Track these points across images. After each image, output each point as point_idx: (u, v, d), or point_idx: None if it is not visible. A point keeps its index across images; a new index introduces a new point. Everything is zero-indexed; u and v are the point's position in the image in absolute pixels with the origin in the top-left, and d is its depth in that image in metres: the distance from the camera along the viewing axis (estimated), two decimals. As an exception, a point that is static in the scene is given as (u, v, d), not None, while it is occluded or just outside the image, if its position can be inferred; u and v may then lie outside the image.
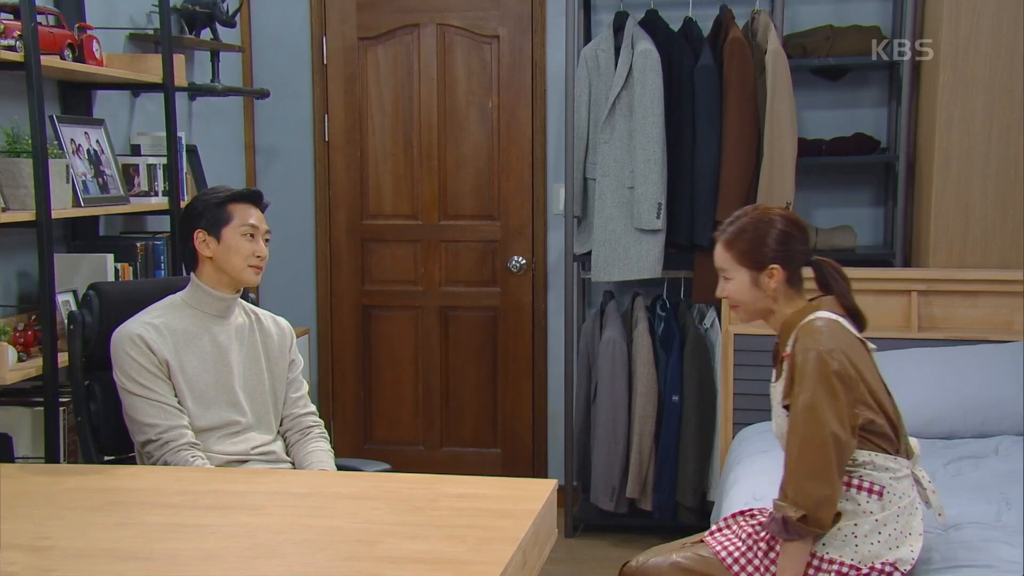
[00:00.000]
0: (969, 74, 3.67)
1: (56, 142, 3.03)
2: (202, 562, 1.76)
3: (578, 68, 4.08)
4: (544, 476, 4.56)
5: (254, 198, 2.66)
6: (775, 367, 2.42)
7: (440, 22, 4.51)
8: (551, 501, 2.09)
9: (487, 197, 4.57)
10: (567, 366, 4.26)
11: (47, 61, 2.85)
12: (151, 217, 3.72)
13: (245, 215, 2.61)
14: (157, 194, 3.50)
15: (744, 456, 3.25)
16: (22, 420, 2.92)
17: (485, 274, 4.61)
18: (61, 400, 2.86)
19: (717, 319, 4.00)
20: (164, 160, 3.50)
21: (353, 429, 4.74)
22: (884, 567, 2.23)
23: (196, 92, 4.07)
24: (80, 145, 3.18)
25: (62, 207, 2.93)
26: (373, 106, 4.60)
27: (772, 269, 2.33)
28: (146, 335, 2.51)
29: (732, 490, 2.96)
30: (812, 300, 2.36)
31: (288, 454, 2.71)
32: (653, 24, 4.03)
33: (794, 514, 2.17)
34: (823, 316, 2.29)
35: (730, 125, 3.86)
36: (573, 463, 4.24)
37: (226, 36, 4.17)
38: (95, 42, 3.17)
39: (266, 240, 2.65)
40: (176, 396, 2.52)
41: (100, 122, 3.37)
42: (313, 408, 2.80)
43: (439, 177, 4.58)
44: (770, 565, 2.29)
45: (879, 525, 2.24)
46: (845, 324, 2.30)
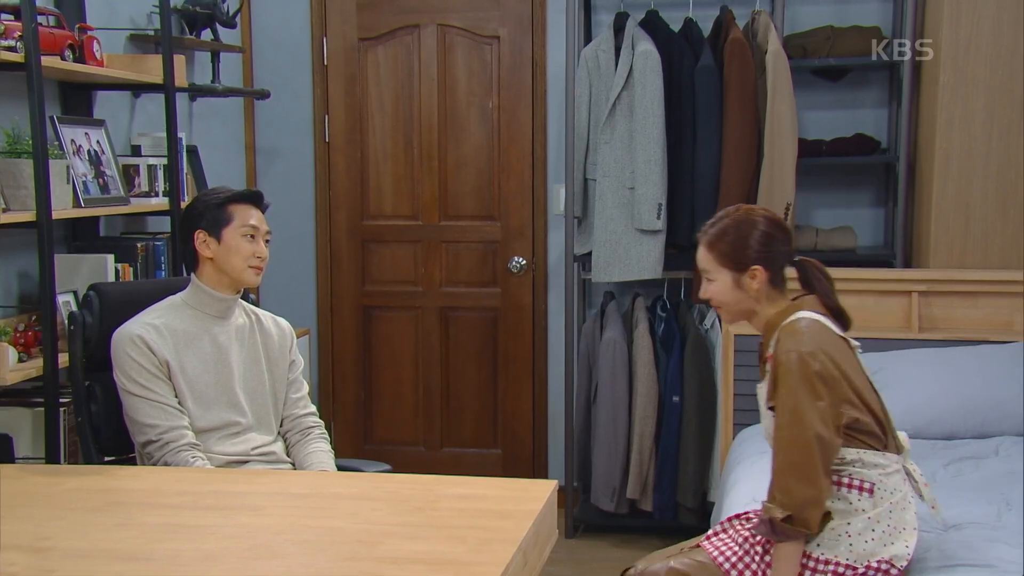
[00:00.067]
0: (969, 74, 3.67)
1: (57, 143, 3.03)
2: (202, 563, 1.76)
3: (578, 69, 4.08)
4: (544, 477, 4.56)
5: (254, 199, 2.66)
6: (760, 368, 2.42)
7: (440, 23, 4.51)
8: (551, 502, 2.09)
9: (487, 198, 4.57)
10: (567, 367, 4.25)
11: (48, 62, 2.85)
12: (151, 218, 3.73)
13: (245, 216, 2.61)
14: (157, 195, 3.50)
15: (745, 457, 3.25)
16: (22, 420, 2.92)
17: (485, 275, 4.61)
18: (61, 401, 2.86)
19: (718, 320, 4.00)
20: (164, 161, 3.50)
21: (353, 430, 4.74)
22: (880, 565, 2.23)
23: (196, 93, 4.07)
24: (80, 146, 3.18)
25: (63, 208, 2.93)
26: (373, 107, 4.60)
27: (754, 270, 2.33)
28: (146, 336, 2.51)
29: (732, 491, 2.96)
30: (795, 299, 2.36)
31: (288, 455, 2.71)
32: (653, 25, 4.03)
33: (780, 515, 2.18)
34: (805, 316, 2.29)
35: (730, 126, 3.86)
36: (573, 464, 4.24)
37: (226, 37, 4.17)
38: (95, 43, 3.17)
39: (266, 241, 2.65)
40: (176, 397, 2.52)
41: (101, 123, 3.37)
42: (313, 409, 2.80)
43: (439, 178, 4.58)
44: (767, 568, 2.28)
45: (872, 522, 2.24)
46: (827, 323, 2.30)
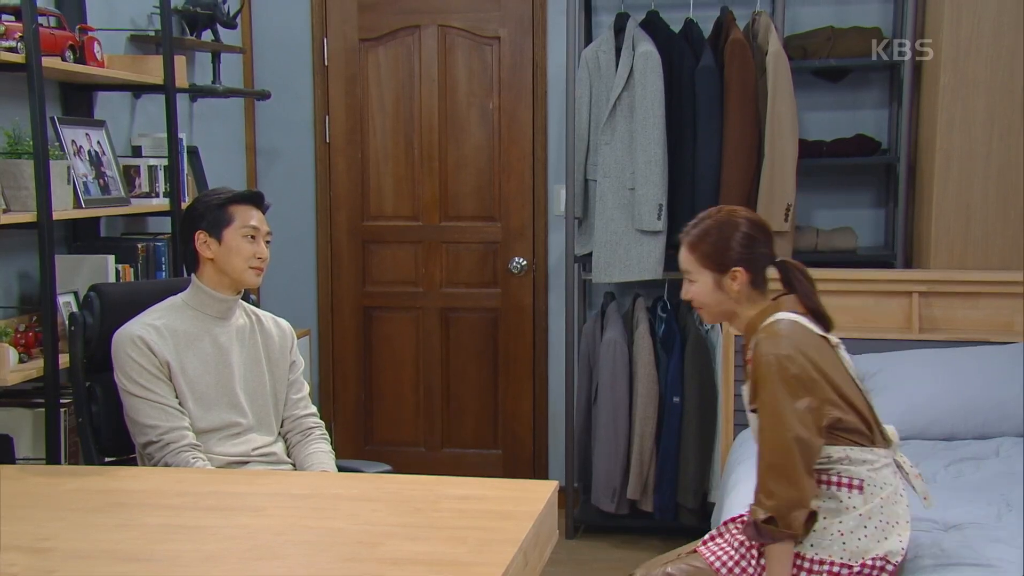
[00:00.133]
0: (970, 75, 3.67)
1: (57, 143, 3.03)
2: (203, 563, 1.76)
3: (579, 69, 4.07)
4: (545, 477, 4.56)
5: (255, 199, 2.66)
6: (744, 369, 2.42)
7: (441, 23, 4.51)
8: (552, 502, 2.09)
9: (488, 198, 4.57)
10: (568, 367, 4.25)
11: (48, 62, 2.85)
12: (152, 218, 3.73)
13: (246, 216, 2.61)
14: (158, 195, 3.50)
15: (745, 457, 3.24)
16: (23, 421, 2.92)
17: (486, 275, 4.61)
18: (62, 401, 2.86)
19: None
20: (165, 161, 3.50)
21: (354, 430, 4.74)
22: (875, 562, 2.23)
23: (197, 93, 4.07)
24: (81, 146, 3.18)
25: (63, 208, 2.93)
26: (374, 107, 4.60)
27: (735, 271, 2.33)
28: (147, 336, 2.51)
29: (733, 492, 2.96)
30: (775, 299, 2.36)
31: (289, 455, 2.71)
32: (654, 25, 4.03)
33: (762, 516, 2.18)
34: (783, 318, 2.29)
35: (731, 126, 3.87)
36: (574, 464, 4.24)
37: (227, 37, 4.17)
38: (96, 43, 3.17)
39: (267, 241, 2.65)
40: (177, 397, 2.52)
41: (101, 123, 3.37)
42: (314, 409, 2.80)
43: (440, 178, 4.58)
44: (763, 572, 2.29)
45: (864, 519, 2.24)
46: (806, 323, 2.29)
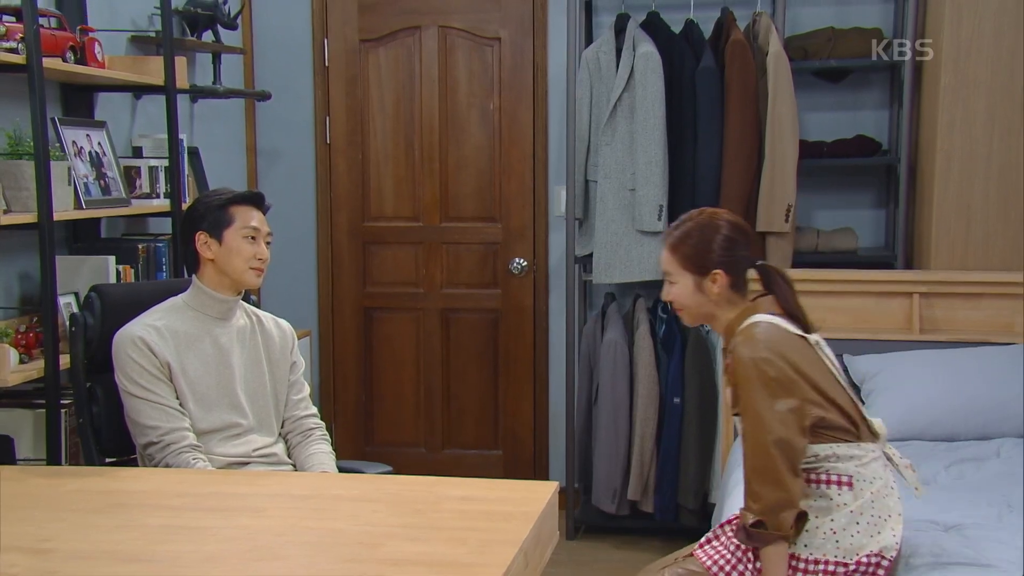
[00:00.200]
0: (971, 76, 3.67)
1: (58, 144, 3.03)
2: (203, 564, 1.76)
3: (579, 70, 4.08)
4: (545, 478, 4.55)
5: (256, 200, 2.66)
6: (724, 373, 2.42)
7: (441, 24, 4.51)
8: (552, 503, 2.09)
9: (488, 199, 4.57)
10: (568, 368, 4.25)
11: (49, 63, 2.85)
12: (152, 219, 3.73)
13: (247, 217, 2.61)
14: (159, 196, 3.50)
15: (745, 458, 3.24)
16: (24, 422, 2.92)
17: (486, 276, 4.61)
18: (63, 402, 2.86)
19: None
20: (166, 162, 3.50)
21: (354, 431, 4.74)
22: (871, 559, 2.23)
23: (198, 94, 4.07)
24: (82, 147, 3.18)
25: (64, 209, 2.93)
26: (374, 108, 4.60)
27: (715, 274, 2.34)
28: (148, 337, 2.51)
29: (734, 492, 2.95)
30: (753, 300, 2.36)
31: (289, 456, 2.71)
32: (654, 26, 4.03)
33: (750, 520, 2.19)
34: (760, 320, 2.29)
35: (731, 127, 3.87)
36: (574, 465, 4.24)
37: (228, 38, 4.17)
38: (97, 44, 3.17)
39: (267, 242, 2.65)
40: (177, 398, 2.52)
41: (102, 124, 3.37)
42: (314, 410, 2.80)
43: (440, 179, 4.58)
44: (758, 574, 2.29)
45: (855, 515, 2.24)
46: (783, 324, 2.29)
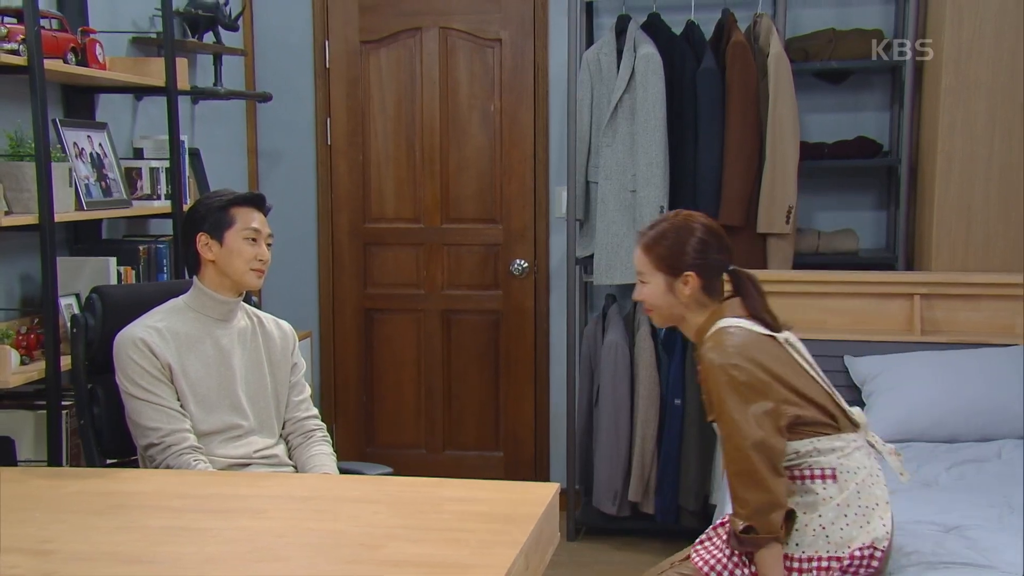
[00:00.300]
0: (971, 77, 3.67)
1: (59, 146, 3.03)
2: (204, 565, 1.76)
3: (580, 71, 4.08)
4: (546, 479, 4.56)
5: (257, 202, 2.66)
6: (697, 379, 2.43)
7: (442, 25, 4.51)
8: (553, 505, 2.09)
9: (489, 200, 4.57)
10: (569, 369, 4.25)
11: (50, 65, 2.85)
12: (153, 220, 3.73)
13: (248, 219, 2.61)
14: (160, 197, 3.50)
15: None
16: (25, 423, 2.92)
17: (487, 277, 4.61)
18: (64, 403, 2.86)
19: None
20: (167, 163, 3.50)
21: (355, 432, 4.74)
22: (863, 551, 2.23)
23: (199, 95, 4.08)
24: (83, 149, 3.18)
25: (65, 210, 2.93)
26: (375, 109, 4.60)
27: (687, 276, 2.34)
28: (149, 339, 2.51)
29: (734, 494, 2.96)
30: (724, 300, 2.36)
31: (290, 458, 2.71)
32: (655, 28, 4.03)
33: (740, 526, 2.19)
34: (727, 325, 2.29)
35: (732, 129, 3.87)
36: (575, 466, 4.24)
37: (229, 40, 4.17)
38: (98, 46, 3.17)
39: (268, 244, 2.65)
40: (178, 400, 2.52)
41: (103, 125, 3.37)
42: (315, 411, 2.80)
43: (441, 180, 4.58)
44: (754, 573, 2.28)
45: (843, 508, 2.24)
46: (750, 326, 2.29)
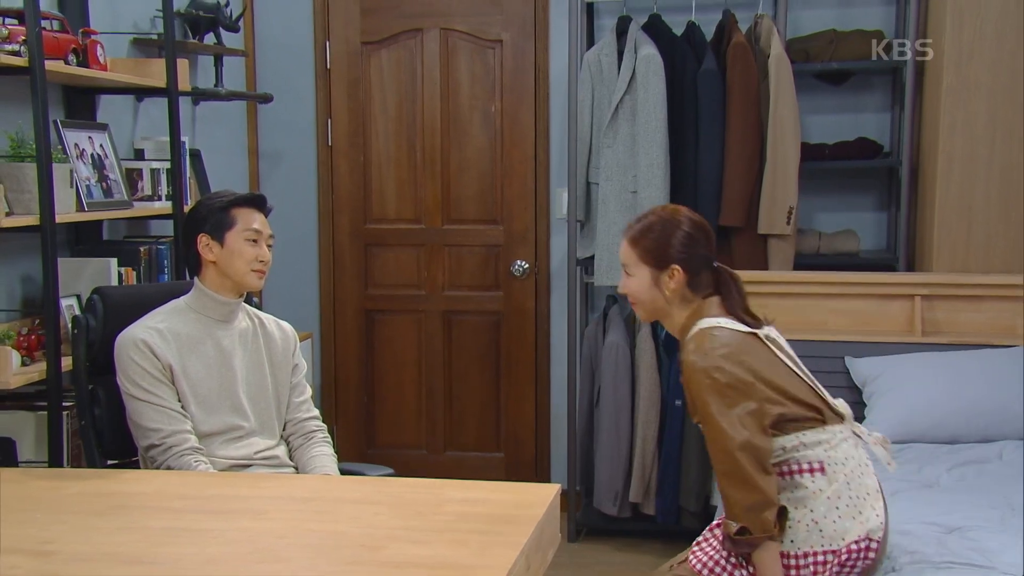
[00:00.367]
0: (972, 78, 3.67)
1: (60, 147, 3.03)
2: (205, 566, 1.76)
3: (581, 72, 4.08)
4: (547, 480, 4.56)
5: (258, 202, 2.67)
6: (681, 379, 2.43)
7: (443, 27, 4.51)
8: (554, 506, 2.08)
9: (490, 201, 4.57)
10: (570, 370, 4.25)
11: (51, 66, 2.85)
12: (154, 221, 3.73)
13: (248, 220, 2.61)
14: (160, 198, 3.50)
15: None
16: (26, 424, 2.92)
17: (488, 278, 4.61)
18: (64, 404, 2.86)
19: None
20: (168, 164, 3.50)
21: (356, 433, 4.74)
22: (860, 544, 2.23)
23: (200, 96, 4.08)
24: (84, 150, 3.18)
25: (66, 211, 2.94)
26: (376, 110, 4.60)
27: (673, 269, 2.34)
28: (150, 340, 2.51)
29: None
30: (705, 298, 2.36)
31: (291, 459, 2.71)
32: (656, 29, 4.03)
33: (733, 529, 2.18)
34: (707, 326, 2.29)
35: (733, 130, 3.87)
36: (576, 467, 4.24)
37: (230, 41, 4.17)
38: (99, 47, 3.17)
39: (269, 245, 2.65)
40: (179, 401, 2.53)
41: (104, 127, 3.37)
42: (316, 412, 2.80)
43: (442, 181, 4.58)
44: (753, 573, 2.28)
45: (833, 500, 2.24)
46: (730, 325, 2.29)
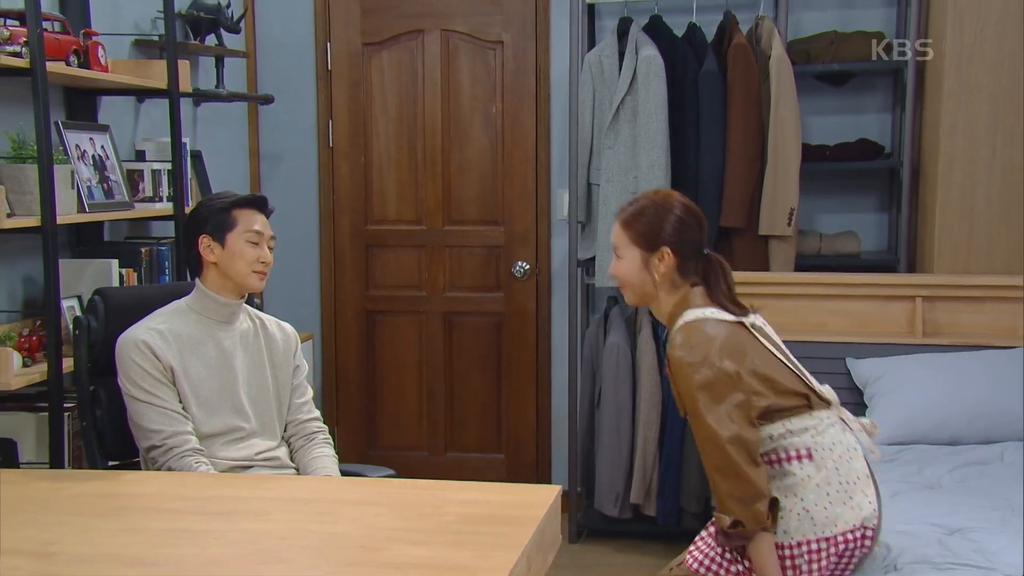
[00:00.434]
0: (973, 80, 3.67)
1: (61, 148, 3.04)
2: (206, 568, 1.76)
3: (582, 73, 4.08)
4: (548, 482, 4.56)
5: (259, 204, 2.67)
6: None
7: (444, 28, 4.51)
8: (555, 507, 2.08)
9: (491, 202, 4.57)
10: (571, 371, 4.25)
11: (52, 67, 2.86)
12: (156, 223, 3.74)
13: (250, 221, 2.61)
14: (162, 200, 3.50)
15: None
16: (27, 425, 2.92)
17: (489, 279, 4.61)
18: (66, 405, 2.86)
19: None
20: (169, 166, 3.50)
21: (357, 434, 4.74)
22: (855, 533, 2.23)
23: (201, 98, 4.08)
24: (85, 151, 3.18)
25: (67, 213, 2.94)
26: (377, 111, 4.60)
27: (663, 252, 2.34)
28: (151, 341, 2.51)
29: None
30: (693, 285, 2.36)
31: (292, 460, 2.72)
32: (657, 30, 4.03)
33: (727, 522, 2.18)
34: (695, 319, 2.29)
35: (734, 131, 3.87)
36: (577, 469, 4.23)
37: (231, 42, 4.17)
38: (100, 48, 3.17)
39: (270, 246, 2.65)
40: (181, 402, 2.53)
41: (105, 128, 3.37)
42: (317, 414, 2.80)
43: (443, 182, 4.58)
44: (749, 568, 2.28)
45: (823, 486, 2.24)
46: (716, 315, 2.29)
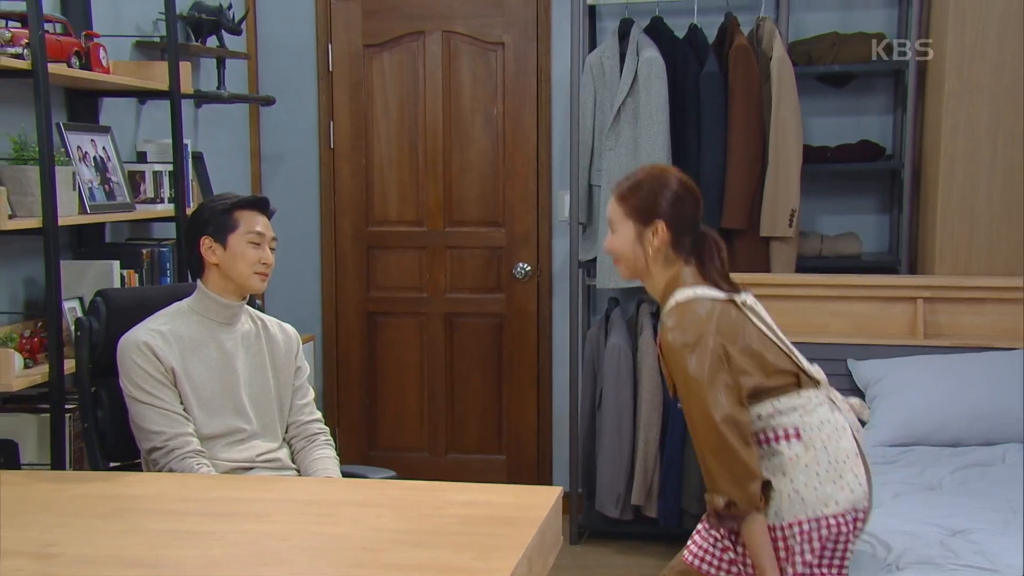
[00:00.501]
0: (974, 81, 3.67)
1: (63, 149, 3.04)
2: (207, 569, 1.76)
3: (583, 75, 4.08)
4: (549, 483, 4.55)
5: (260, 205, 2.67)
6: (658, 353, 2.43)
7: (445, 29, 4.51)
8: (556, 508, 2.08)
9: (492, 204, 4.57)
10: (572, 373, 4.25)
11: (54, 69, 2.86)
12: (157, 224, 3.74)
13: (251, 222, 2.61)
14: (163, 201, 3.51)
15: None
16: (28, 427, 2.92)
17: (490, 281, 4.61)
18: (67, 407, 2.86)
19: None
20: (170, 167, 3.51)
21: (358, 436, 4.74)
22: (846, 519, 2.22)
23: (202, 99, 4.08)
24: (87, 152, 3.18)
25: (68, 214, 2.94)
26: (378, 113, 4.61)
27: (657, 225, 2.34)
28: (152, 342, 2.51)
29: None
30: (686, 262, 2.35)
31: (293, 461, 2.72)
32: (658, 31, 4.03)
33: (721, 503, 2.18)
34: (686, 298, 2.29)
35: (735, 132, 3.87)
36: (578, 470, 4.23)
37: (232, 43, 4.18)
38: (102, 50, 3.18)
39: (272, 247, 2.65)
40: (182, 403, 2.53)
41: (106, 129, 3.38)
42: (318, 415, 2.80)
43: (444, 184, 4.58)
44: (745, 555, 2.27)
45: (812, 466, 2.24)
46: (707, 294, 2.29)
